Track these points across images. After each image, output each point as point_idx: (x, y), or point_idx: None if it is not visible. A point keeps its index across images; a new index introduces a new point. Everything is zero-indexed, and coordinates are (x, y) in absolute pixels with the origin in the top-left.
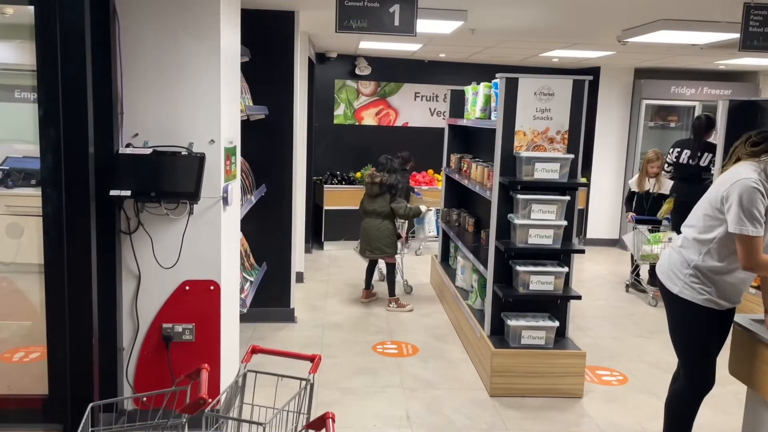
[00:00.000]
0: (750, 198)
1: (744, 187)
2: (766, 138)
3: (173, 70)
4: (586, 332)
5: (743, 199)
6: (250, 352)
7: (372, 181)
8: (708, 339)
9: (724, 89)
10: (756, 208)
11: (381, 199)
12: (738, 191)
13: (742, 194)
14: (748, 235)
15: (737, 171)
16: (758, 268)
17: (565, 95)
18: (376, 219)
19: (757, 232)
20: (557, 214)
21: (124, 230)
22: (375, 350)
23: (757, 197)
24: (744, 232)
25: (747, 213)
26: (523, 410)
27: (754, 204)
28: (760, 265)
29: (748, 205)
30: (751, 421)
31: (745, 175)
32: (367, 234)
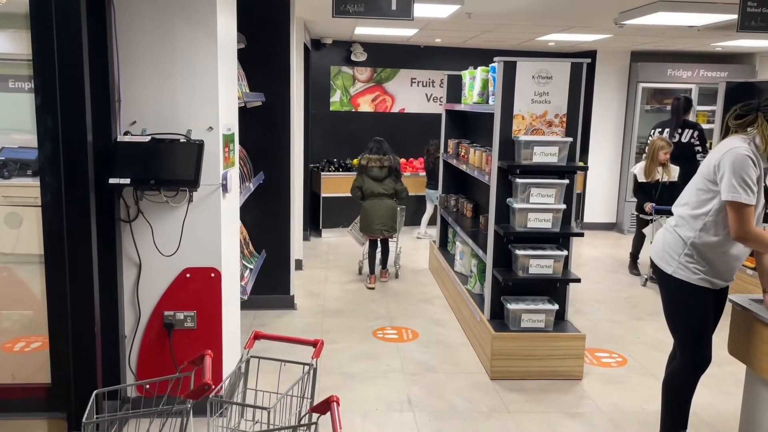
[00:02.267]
0: (742, 165)
1: (736, 155)
2: (751, 110)
3: (170, 57)
4: (585, 315)
5: (735, 167)
6: (253, 338)
7: (381, 165)
8: (703, 318)
9: (721, 71)
10: (748, 175)
11: (388, 180)
12: (730, 159)
13: (734, 162)
14: (740, 202)
15: (728, 143)
16: (749, 237)
17: (563, 78)
18: (386, 199)
19: (749, 200)
20: (556, 198)
21: (123, 218)
22: (375, 336)
23: (749, 164)
24: (737, 199)
25: (739, 180)
26: (523, 393)
27: (746, 171)
28: (750, 234)
29: (740, 172)
30: (751, 400)
31: (735, 145)
32: (377, 214)
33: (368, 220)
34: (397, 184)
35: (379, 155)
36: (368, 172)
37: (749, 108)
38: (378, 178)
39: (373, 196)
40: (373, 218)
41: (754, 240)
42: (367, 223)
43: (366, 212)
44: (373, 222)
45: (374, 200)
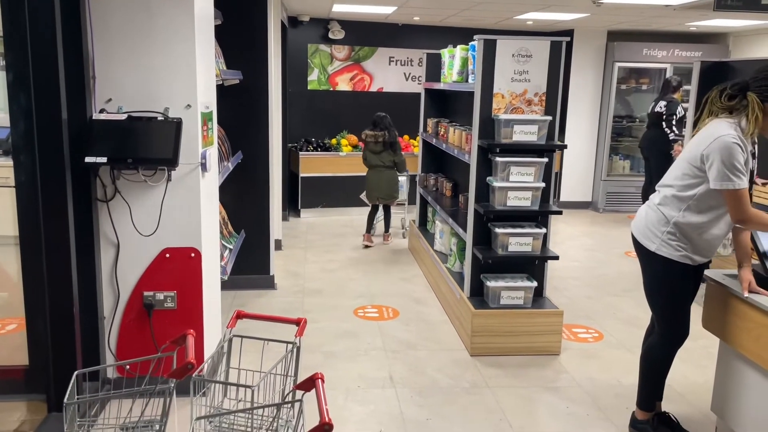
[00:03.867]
0: (731, 153)
1: (724, 143)
2: (742, 89)
3: (146, 33)
4: (562, 292)
5: (724, 155)
6: (235, 317)
7: (376, 140)
8: (683, 293)
9: (695, 51)
10: (737, 160)
11: (385, 153)
12: (718, 148)
13: (723, 151)
14: (734, 188)
15: (714, 130)
16: (749, 220)
17: (542, 57)
18: (385, 170)
19: (742, 184)
20: (535, 176)
21: (100, 198)
22: (356, 314)
23: (737, 151)
24: (730, 186)
25: (730, 167)
26: (503, 368)
27: (734, 157)
28: (750, 217)
29: (729, 159)
30: (724, 372)
31: (723, 132)
32: (378, 183)
33: (368, 188)
34: (396, 156)
35: (375, 131)
36: (368, 146)
37: (739, 87)
38: (375, 151)
39: (373, 167)
40: (371, 187)
41: (755, 221)
42: (368, 190)
43: (367, 181)
44: (372, 190)
45: (374, 171)
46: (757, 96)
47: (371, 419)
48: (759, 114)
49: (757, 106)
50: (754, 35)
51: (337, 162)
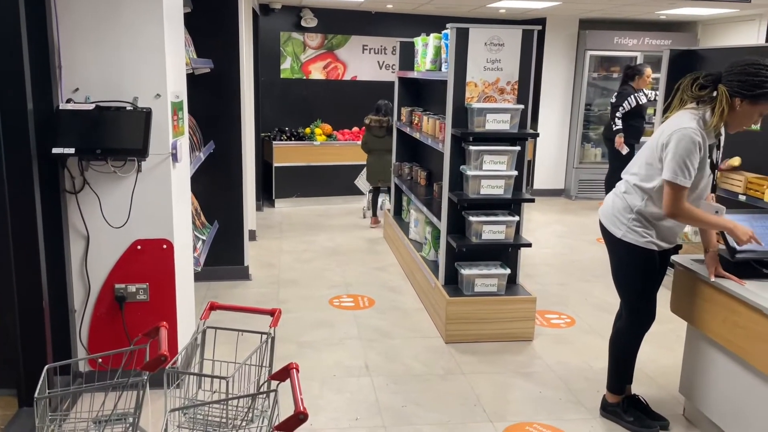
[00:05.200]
0: (687, 149)
1: (683, 136)
2: (714, 80)
3: (113, 20)
4: (535, 279)
5: (680, 150)
6: (209, 309)
7: (380, 125)
8: (649, 278)
9: (665, 39)
10: (690, 159)
11: (388, 138)
12: (677, 140)
13: (680, 144)
14: (676, 183)
15: (678, 120)
16: (680, 214)
17: (514, 46)
18: (387, 154)
19: (686, 183)
20: (508, 165)
21: (69, 189)
22: (332, 304)
23: (693, 148)
24: (675, 180)
25: (681, 163)
26: (477, 355)
27: (689, 156)
28: (683, 212)
29: (684, 155)
30: (691, 354)
31: (685, 124)
32: (378, 167)
33: (370, 171)
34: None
35: (379, 116)
36: (371, 131)
37: (711, 79)
38: (378, 136)
39: (375, 151)
40: (375, 170)
41: (686, 217)
42: (370, 174)
43: (369, 165)
44: (375, 173)
45: (376, 155)
46: (727, 90)
47: (347, 407)
48: (725, 107)
49: (725, 99)
50: (722, 23)
51: (312, 151)
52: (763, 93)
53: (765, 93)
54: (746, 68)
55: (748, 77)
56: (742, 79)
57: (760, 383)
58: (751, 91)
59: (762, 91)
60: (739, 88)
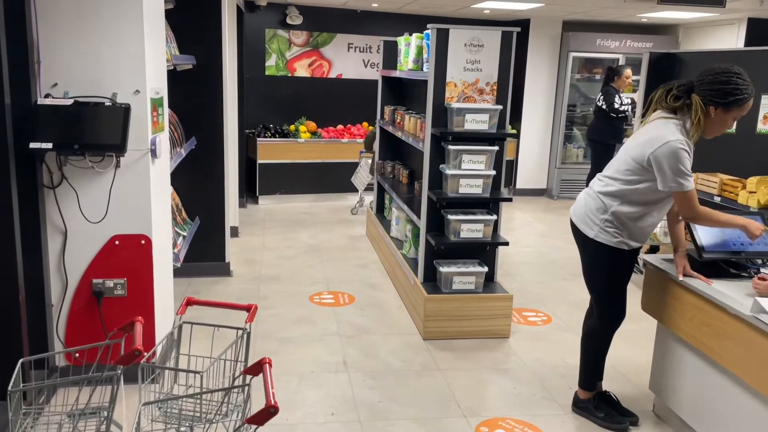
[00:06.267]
0: (679, 159)
1: (671, 149)
2: (687, 90)
3: (93, 16)
4: (514, 277)
5: (672, 162)
6: (185, 304)
7: None
8: (620, 277)
9: (646, 42)
10: (684, 166)
11: None
12: (667, 155)
13: (671, 157)
14: (685, 191)
15: (662, 132)
16: (698, 216)
17: (494, 47)
18: None
19: (690, 185)
20: (486, 164)
21: (47, 184)
22: (312, 301)
23: (683, 156)
24: (679, 189)
25: (678, 172)
26: (454, 351)
27: (682, 163)
28: (699, 214)
29: (677, 165)
30: (660, 352)
31: (671, 137)
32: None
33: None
34: None
35: None
36: None
37: (684, 89)
38: None
39: None
40: None
41: (704, 218)
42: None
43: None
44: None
45: None
46: (701, 99)
47: (323, 403)
48: (701, 116)
49: (700, 109)
50: (702, 27)
51: (296, 149)
52: (735, 99)
53: (737, 99)
54: (717, 77)
55: (721, 86)
56: (714, 87)
57: (725, 380)
58: (724, 98)
59: (735, 98)
60: (713, 97)
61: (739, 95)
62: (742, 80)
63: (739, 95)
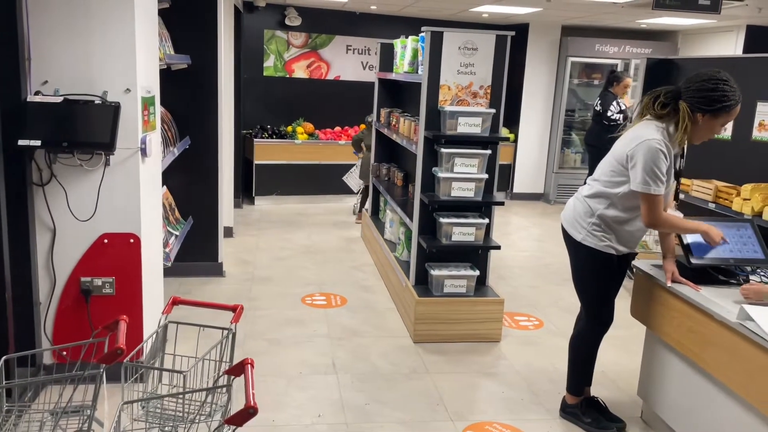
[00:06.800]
0: (653, 159)
1: (648, 147)
2: (673, 98)
3: (84, 14)
4: (508, 281)
5: (647, 160)
6: (171, 304)
7: None
8: (608, 282)
9: (645, 48)
10: (658, 168)
11: None
12: (643, 152)
13: (647, 155)
14: (650, 193)
15: (642, 132)
16: (659, 224)
17: (488, 50)
18: None
19: (658, 191)
20: (479, 168)
21: (36, 182)
22: (304, 302)
23: (660, 158)
24: (647, 191)
25: (650, 173)
26: (444, 355)
27: (657, 164)
28: (660, 221)
29: (651, 165)
30: (649, 358)
31: (649, 136)
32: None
33: (363, 169)
34: None
35: None
36: (370, 129)
37: (671, 96)
38: None
39: (368, 149)
40: (366, 168)
41: (664, 225)
42: (363, 171)
43: (363, 163)
44: (366, 172)
45: (369, 154)
46: (688, 106)
47: (310, 404)
48: (688, 123)
49: (687, 116)
50: (701, 34)
51: (293, 150)
52: (722, 106)
53: (724, 106)
54: (704, 84)
55: (708, 93)
56: (701, 94)
57: (711, 387)
58: (711, 105)
59: (722, 105)
60: (700, 104)
61: (727, 102)
62: (729, 87)
63: (726, 102)
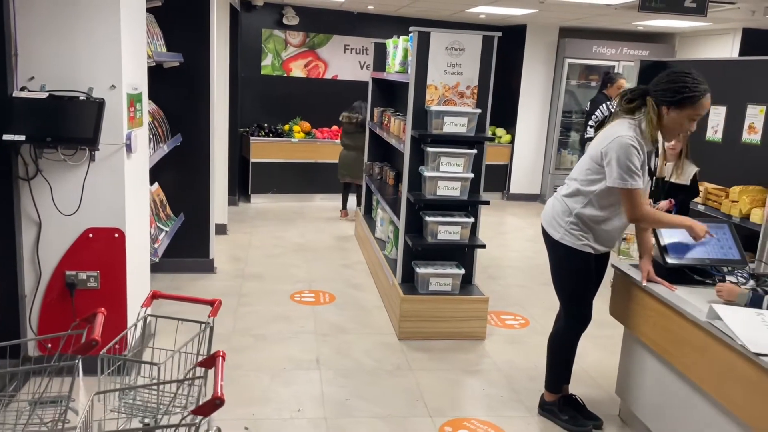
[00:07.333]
0: (626, 154)
1: (620, 144)
2: (640, 95)
3: (71, 11)
4: (497, 280)
5: (621, 156)
6: (151, 297)
7: (350, 121)
8: (585, 280)
9: (642, 50)
10: (632, 162)
11: (357, 135)
12: (615, 148)
13: (619, 151)
14: (628, 188)
15: (615, 129)
16: (643, 218)
17: (475, 51)
18: (353, 152)
19: (636, 184)
20: (465, 167)
21: (22, 176)
22: (292, 299)
23: (632, 152)
24: (625, 186)
25: (625, 168)
26: (428, 352)
27: (630, 159)
28: (644, 215)
29: (625, 160)
30: (626, 356)
31: (622, 133)
32: (346, 163)
33: (339, 166)
34: None
35: (351, 113)
36: (343, 127)
37: (638, 93)
38: (348, 132)
39: (345, 147)
40: (341, 165)
41: (649, 220)
42: (338, 169)
43: (339, 160)
44: (341, 168)
45: (346, 151)
46: (654, 100)
47: (292, 399)
48: (654, 117)
49: (652, 110)
50: (698, 36)
51: (289, 148)
52: (684, 98)
53: (687, 98)
54: (669, 77)
55: (671, 85)
56: (665, 87)
57: (684, 386)
58: (673, 97)
59: (683, 96)
60: (663, 97)
61: (689, 93)
62: (692, 79)
63: (688, 93)
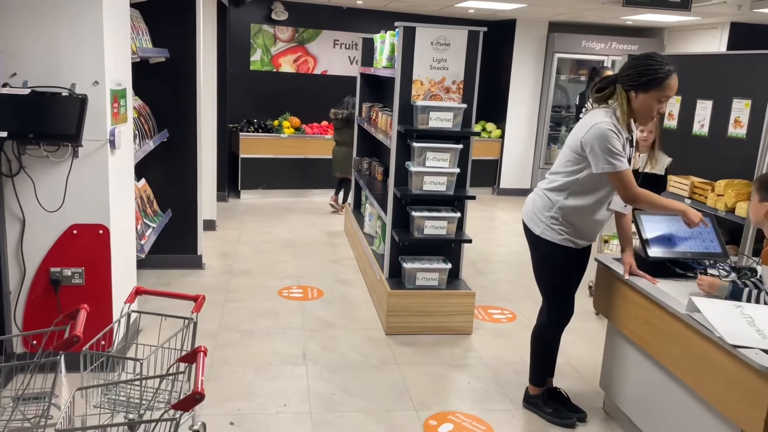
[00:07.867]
0: (606, 138)
1: (599, 130)
2: (608, 84)
3: (52, 6)
4: (486, 275)
5: (601, 141)
6: (134, 293)
7: (336, 117)
8: (567, 275)
9: (631, 44)
10: (613, 145)
11: (345, 130)
12: (595, 135)
13: (599, 137)
14: (617, 171)
15: (592, 118)
16: (637, 198)
17: (460, 46)
18: (343, 147)
19: (623, 166)
20: (450, 162)
21: (5, 173)
22: (281, 295)
23: (611, 136)
24: (613, 169)
25: (607, 152)
26: (415, 346)
27: (610, 143)
28: (636, 195)
29: (606, 144)
30: (610, 350)
31: (598, 120)
32: (336, 157)
33: (332, 162)
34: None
35: (338, 109)
36: (333, 123)
37: (608, 81)
38: (337, 128)
39: (336, 143)
40: (333, 161)
41: (642, 200)
42: (332, 164)
43: (332, 156)
44: (333, 164)
45: (336, 147)
46: (622, 86)
47: (278, 394)
48: (624, 102)
49: (621, 95)
50: (687, 31)
51: (279, 144)
52: (649, 80)
53: (652, 80)
54: (633, 62)
55: (635, 69)
56: (629, 73)
57: (666, 378)
58: (638, 80)
59: (648, 79)
60: (630, 82)
61: (653, 75)
62: (655, 61)
63: (653, 75)
